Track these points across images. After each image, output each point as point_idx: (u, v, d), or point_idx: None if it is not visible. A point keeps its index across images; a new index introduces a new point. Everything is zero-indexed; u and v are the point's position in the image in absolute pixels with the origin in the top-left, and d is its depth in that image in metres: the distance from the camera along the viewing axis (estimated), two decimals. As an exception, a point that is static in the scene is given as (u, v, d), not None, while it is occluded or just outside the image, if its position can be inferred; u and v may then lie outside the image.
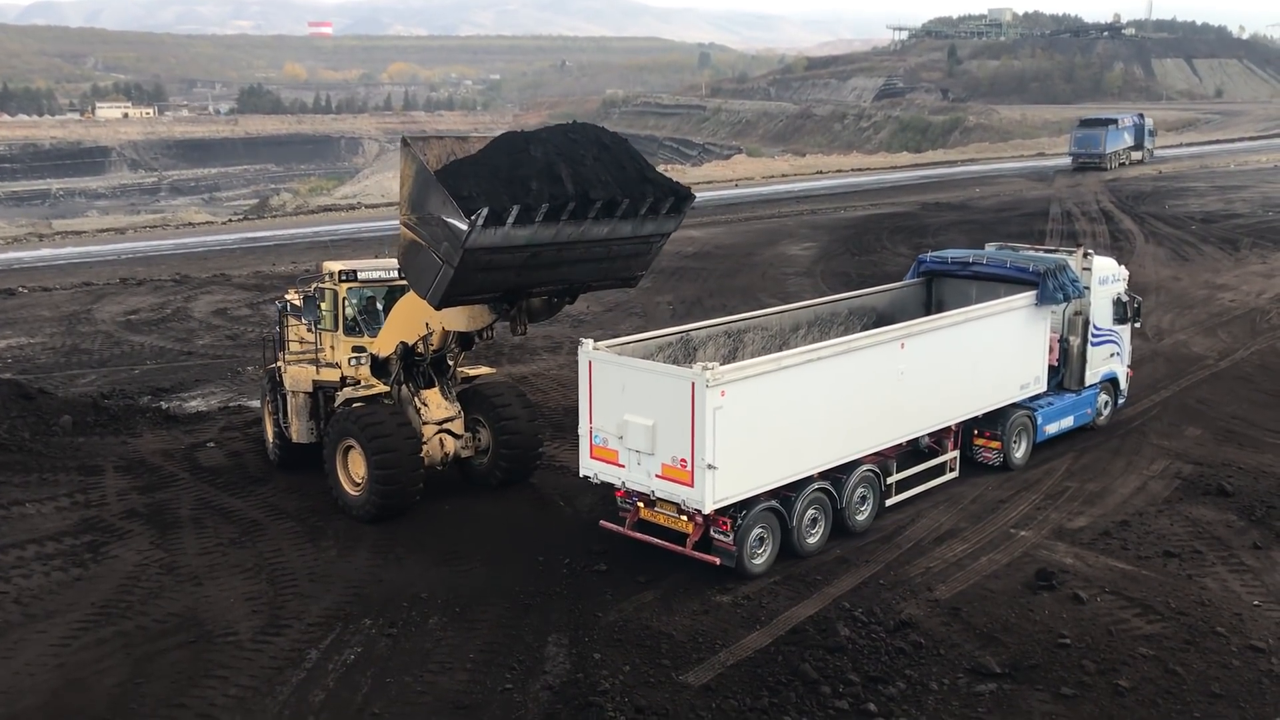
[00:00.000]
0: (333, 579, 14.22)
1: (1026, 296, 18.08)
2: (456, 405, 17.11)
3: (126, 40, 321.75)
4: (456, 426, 17.02)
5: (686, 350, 15.92)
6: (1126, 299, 20.47)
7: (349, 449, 16.22)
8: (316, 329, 17.67)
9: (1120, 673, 11.78)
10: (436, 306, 13.54)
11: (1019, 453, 18.36)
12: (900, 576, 14.13)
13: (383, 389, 16.78)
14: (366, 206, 64.47)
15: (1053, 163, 76.43)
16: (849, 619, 12.82)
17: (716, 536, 13.91)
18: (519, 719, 11.02)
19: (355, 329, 17.51)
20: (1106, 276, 20.00)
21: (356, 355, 17.17)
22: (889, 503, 16.13)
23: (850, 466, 15.31)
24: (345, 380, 17.19)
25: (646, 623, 12.88)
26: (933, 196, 57.98)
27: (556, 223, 12.65)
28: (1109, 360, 20.35)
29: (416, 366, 16.70)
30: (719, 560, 13.86)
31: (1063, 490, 17.33)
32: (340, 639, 12.60)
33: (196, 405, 23.06)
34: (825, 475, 14.98)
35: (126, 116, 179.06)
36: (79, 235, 54.33)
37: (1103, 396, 20.39)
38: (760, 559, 14.18)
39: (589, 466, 14.67)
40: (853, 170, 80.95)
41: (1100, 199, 54.14)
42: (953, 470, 17.47)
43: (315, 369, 17.50)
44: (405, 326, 15.80)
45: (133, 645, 12.52)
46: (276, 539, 15.61)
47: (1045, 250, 20.61)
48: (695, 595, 13.55)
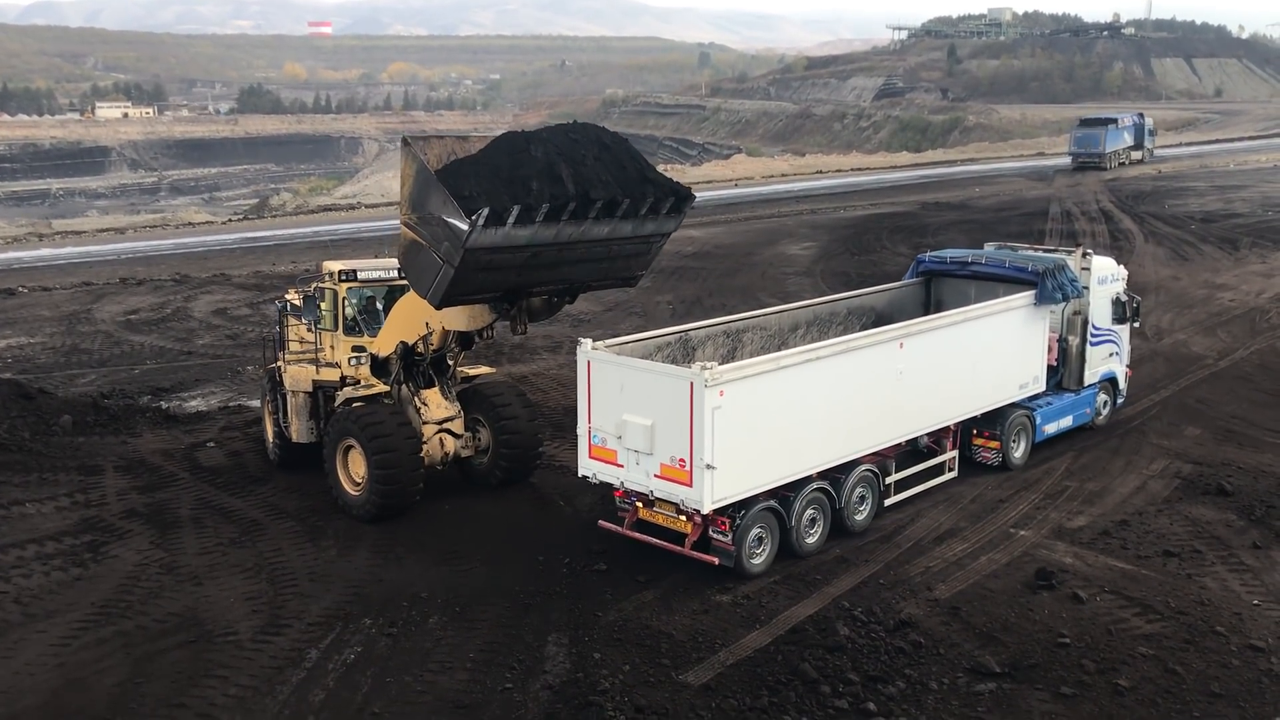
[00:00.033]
0: (333, 579, 14.23)
1: (1025, 296, 18.08)
2: (456, 405, 17.11)
3: (126, 40, 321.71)
4: (456, 426, 17.02)
5: (685, 350, 15.92)
6: (1125, 299, 20.47)
7: (349, 449, 16.23)
8: (316, 329, 17.68)
9: (1120, 672, 11.79)
10: (437, 306, 13.55)
11: (1018, 453, 18.37)
12: (900, 576, 14.14)
13: (383, 389, 16.79)
14: (366, 206, 64.46)
15: (1052, 162, 76.40)
16: (849, 618, 12.83)
17: (715, 536, 13.91)
18: (519, 718, 11.03)
19: (355, 329, 17.52)
20: (1105, 276, 20.01)
21: (356, 355, 17.18)
22: (888, 503, 16.14)
23: (849, 466, 15.31)
24: (345, 380, 17.20)
25: (646, 622, 12.89)
26: (932, 196, 57.98)
27: (557, 223, 12.65)
28: (1108, 360, 20.36)
29: (416, 366, 16.71)
30: (717, 560, 13.86)
31: (1062, 490, 17.34)
32: (340, 638, 12.61)
33: (196, 405, 23.07)
34: (824, 475, 14.99)
35: (126, 116, 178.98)
36: (79, 235, 54.33)
37: (1102, 396, 20.40)
38: (759, 559, 14.18)
39: (587, 466, 14.68)
40: (852, 170, 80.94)
41: (1100, 199, 54.13)
42: (951, 470, 17.49)
43: (315, 369, 17.52)
44: (405, 326, 15.80)
45: (133, 645, 12.52)
46: (276, 539, 15.62)
47: (1044, 250, 20.62)
48: (695, 595, 13.56)
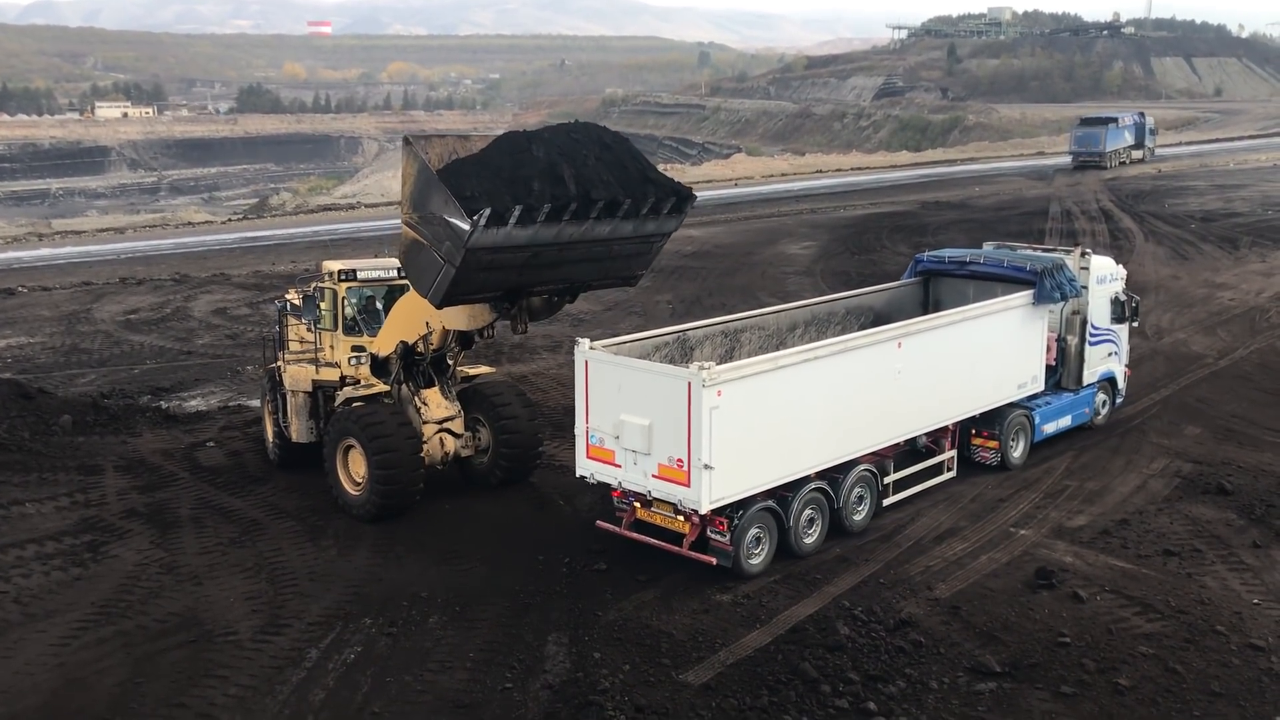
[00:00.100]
0: (333, 578, 14.23)
1: (1024, 296, 18.07)
2: (456, 404, 17.11)
3: (126, 40, 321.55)
4: (456, 426, 17.02)
5: (683, 350, 15.90)
6: (1124, 298, 20.46)
7: (349, 448, 16.23)
8: (316, 328, 17.68)
9: (1120, 671, 11.79)
10: (438, 306, 13.55)
11: (1016, 452, 18.36)
12: (900, 575, 14.14)
13: (382, 388, 16.79)
14: (366, 206, 64.42)
15: (1052, 162, 76.35)
16: (849, 618, 12.83)
17: (713, 537, 13.90)
18: (519, 718, 11.03)
19: (355, 328, 17.52)
20: (1104, 275, 20.00)
21: (356, 354, 17.18)
22: (886, 502, 16.13)
23: (847, 466, 15.30)
24: (345, 380, 17.20)
25: (646, 622, 12.89)
26: (932, 195, 57.95)
27: (558, 223, 12.65)
28: (1107, 360, 20.35)
29: (416, 366, 16.71)
30: (715, 560, 13.85)
31: (1062, 489, 17.34)
32: (340, 638, 12.61)
33: (196, 405, 23.07)
34: (822, 475, 14.98)
35: (126, 116, 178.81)
36: (78, 235, 54.31)
37: (1100, 396, 20.39)
38: (757, 559, 14.17)
39: (585, 466, 14.66)
40: (852, 169, 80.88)
41: (1100, 198, 54.12)
42: (950, 470, 17.48)
43: (315, 368, 17.52)
44: (405, 325, 15.80)
45: (133, 645, 12.53)
46: (276, 538, 15.62)
47: (1043, 249, 20.62)
48: (695, 594, 13.56)
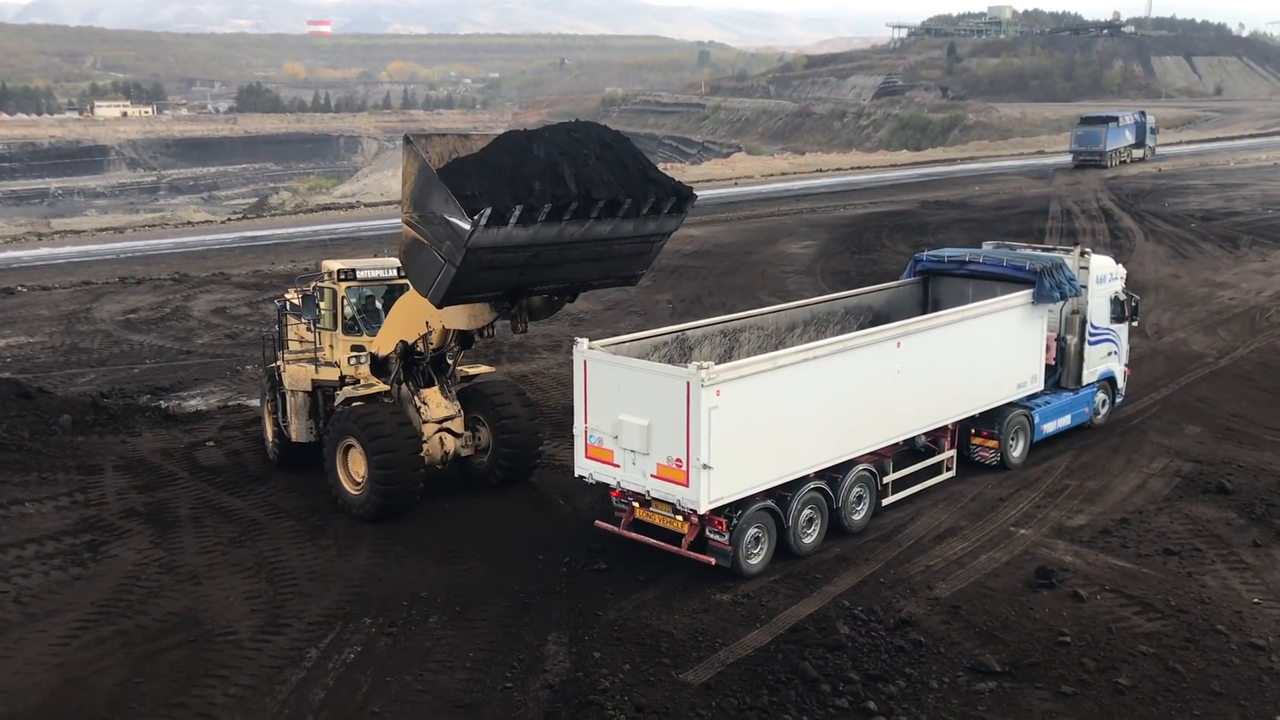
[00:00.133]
0: (332, 578, 14.23)
1: (1023, 295, 18.05)
2: (456, 404, 17.11)
3: (125, 39, 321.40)
4: (456, 425, 17.02)
5: (682, 350, 15.88)
6: (1124, 297, 20.45)
7: (349, 448, 16.23)
8: (315, 328, 17.67)
9: (1120, 670, 11.79)
10: (438, 305, 13.54)
11: (1016, 452, 18.35)
12: (900, 575, 14.14)
13: (382, 388, 16.78)
14: (365, 205, 64.40)
15: (1052, 161, 76.35)
16: (849, 617, 12.83)
17: (712, 537, 13.89)
18: (519, 718, 11.03)
19: (354, 328, 17.51)
20: (1104, 275, 19.99)
21: (356, 354, 17.17)
22: (885, 502, 16.12)
23: (846, 466, 15.28)
24: (344, 379, 17.19)
25: (646, 621, 12.89)
26: (932, 194, 57.95)
27: (559, 222, 12.64)
28: (1106, 359, 20.34)
29: (416, 365, 16.70)
30: (714, 560, 13.84)
31: (1062, 488, 17.33)
32: (340, 638, 12.61)
33: (196, 404, 23.07)
34: (821, 475, 14.96)
35: (125, 115, 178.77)
36: (78, 234, 54.30)
37: (1100, 395, 20.38)
38: (756, 559, 14.16)
39: (584, 466, 14.64)
40: (852, 168, 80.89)
41: (1100, 197, 54.11)
42: (949, 470, 17.47)
43: (314, 368, 17.52)
44: (405, 325, 15.79)
45: (132, 644, 12.52)
46: (276, 538, 15.62)
47: (1042, 249, 20.61)
48: (695, 594, 13.56)
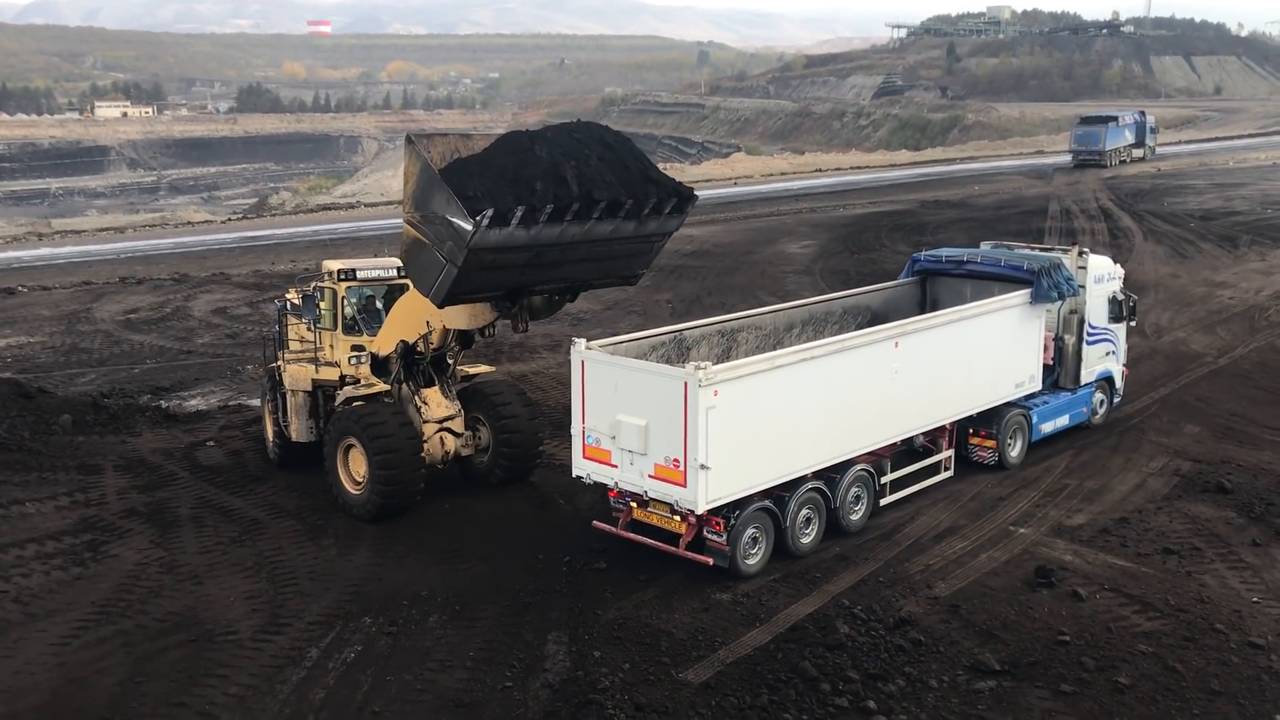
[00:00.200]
0: (333, 577, 14.24)
1: (1021, 295, 18.05)
2: (456, 403, 17.12)
3: (125, 39, 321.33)
4: (457, 425, 17.03)
5: (680, 350, 15.87)
6: (1122, 297, 20.44)
7: (350, 448, 16.24)
8: (316, 328, 17.69)
9: (1120, 670, 11.80)
10: (439, 305, 13.55)
11: (1014, 452, 18.35)
12: (900, 574, 14.15)
13: (383, 388, 16.79)
14: (365, 205, 64.42)
15: (1052, 160, 76.38)
16: (848, 616, 12.84)
17: (710, 537, 13.89)
18: (519, 717, 11.04)
19: (354, 328, 17.52)
20: (1102, 275, 19.99)
21: (356, 354, 17.18)
22: (883, 502, 16.11)
23: (844, 466, 15.28)
24: (345, 379, 17.20)
25: (646, 620, 12.90)
26: (932, 194, 57.97)
27: (561, 223, 12.65)
28: (1104, 359, 20.35)
29: (416, 365, 16.72)
30: (712, 561, 13.84)
31: (1062, 487, 17.34)
32: (340, 637, 12.62)
33: (196, 404, 23.08)
34: (819, 475, 14.96)
35: (125, 115, 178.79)
36: (78, 234, 54.30)
37: (1098, 395, 20.39)
38: (754, 559, 14.16)
39: (582, 467, 14.64)
40: (851, 168, 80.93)
41: (1099, 197, 54.13)
42: (948, 470, 17.47)
43: (314, 368, 17.53)
44: (406, 325, 15.80)
45: (133, 644, 12.53)
46: (276, 538, 15.63)
47: (1040, 249, 20.61)
48: (695, 593, 13.57)
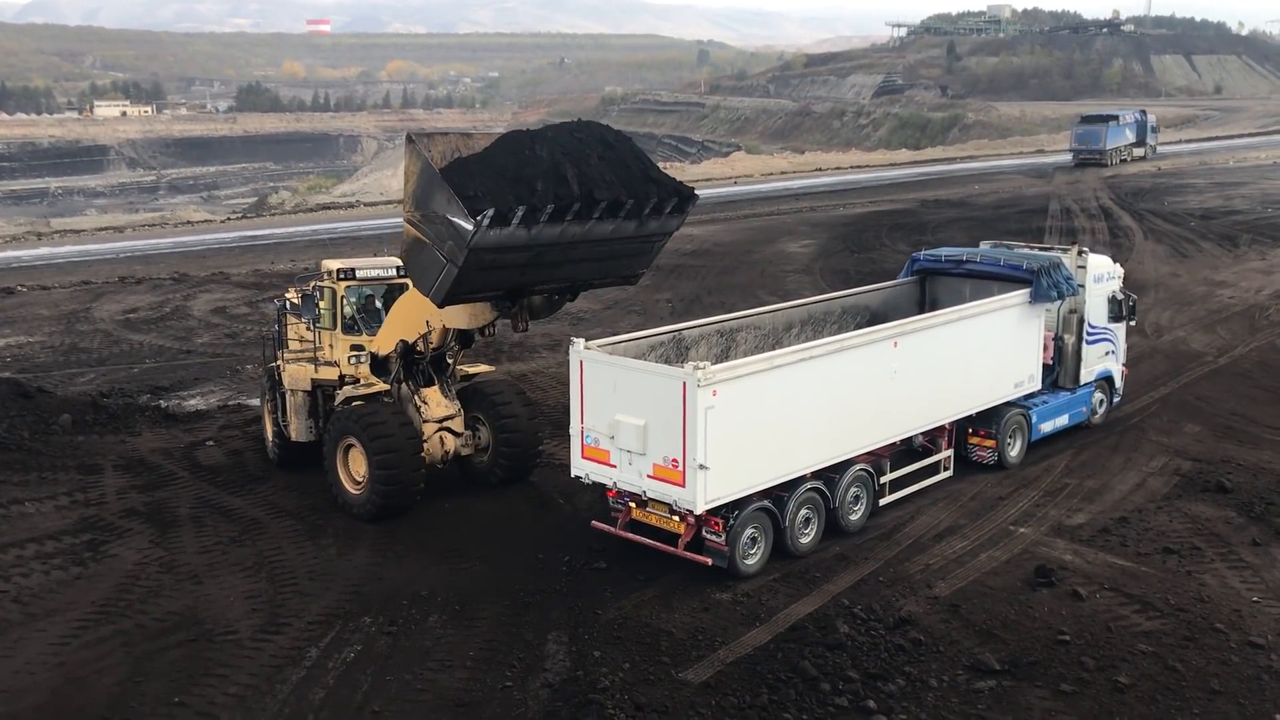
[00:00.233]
0: (332, 577, 14.24)
1: (1020, 295, 18.04)
2: (456, 403, 17.12)
3: (125, 38, 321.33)
4: (456, 424, 17.03)
5: (679, 349, 15.86)
6: (1121, 297, 20.43)
7: (350, 447, 16.23)
8: (315, 327, 17.68)
9: (1120, 669, 11.79)
10: (440, 304, 13.55)
11: (1014, 451, 18.35)
12: (899, 573, 14.15)
13: (382, 387, 16.79)
14: (365, 204, 64.40)
15: (1052, 159, 76.38)
16: (848, 616, 12.84)
17: (708, 537, 13.88)
18: (519, 717, 11.04)
19: (354, 327, 17.51)
20: (1101, 274, 19.97)
21: (355, 353, 17.18)
22: (882, 502, 16.10)
23: (843, 466, 15.27)
24: (344, 378, 17.20)
25: (646, 620, 12.90)
26: (932, 194, 57.97)
27: (561, 223, 12.66)
28: (1104, 358, 20.34)
29: (416, 364, 16.71)
30: (711, 561, 13.83)
31: (1062, 487, 17.34)
32: (340, 637, 12.62)
33: (196, 404, 23.07)
34: (818, 475, 14.95)
35: (125, 115, 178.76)
36: (77, 234, 54.28)
37: (1098, 395, 20.38)
38: (752, 559, 14.15)
39: (580, 467, 14.63)
40: (852, 167, 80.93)
41: (1099, 196, 54.13)
42: (947, 469, 17.45)
43: (314, 367, 17.52)
44: (405, 324, 15.80)
45: (132, 644, 12.53)
46: (276, 537, 15.63)
47: (1039, 248, 20.60)
48: (695, 593, 13.56)
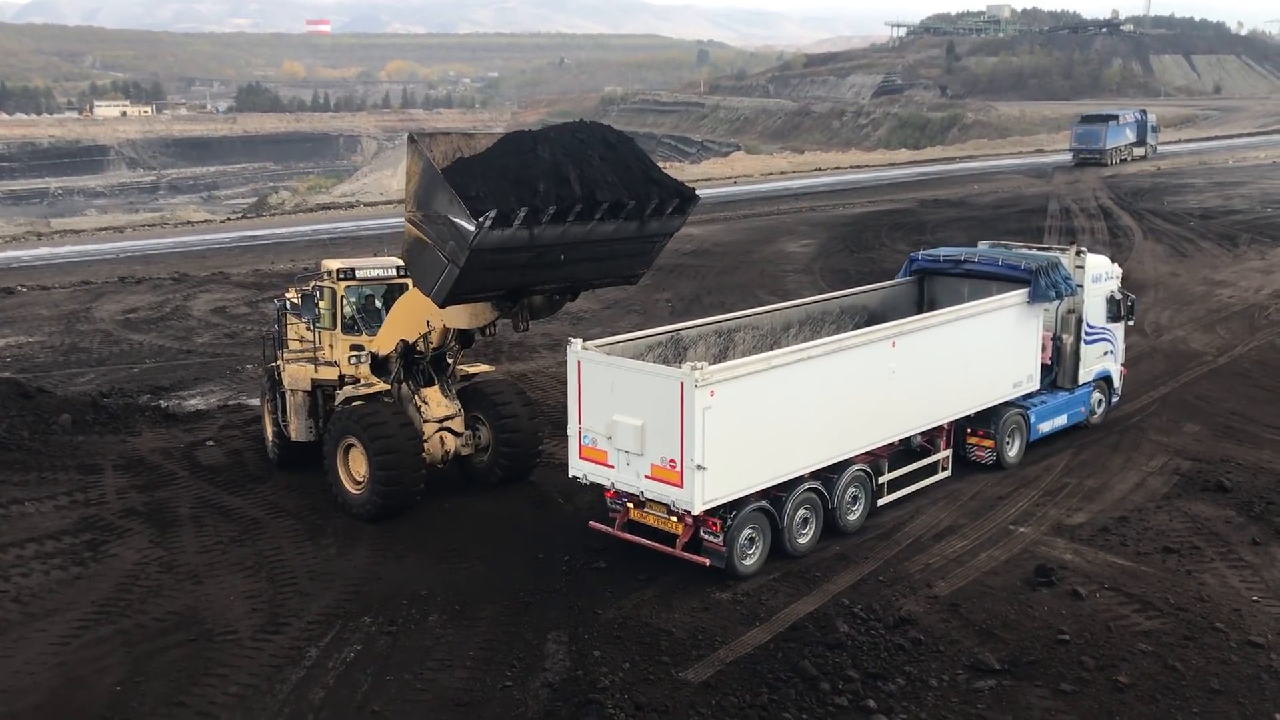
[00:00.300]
0: (332, 577, 14.24)
1: (1018, 294, 18.03)
2: (456, 403, 17.12)
3: (124, 38, 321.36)
4: (456, 424, 17.03)
5: (677, 350, 15.85)
6: (1120, 296, 20.42)
7: (350, 447, 16.23)
8: (315, 327, 17.68)
9: (1119, 669, 11.79)
10: (441, 305, 13.55)
11: (1012, 451, 18.34)
12: (899, 573, 14.15)
13: (382, 387, 16.79)
14: (365, 204, 64.39)
15: (1051, 159, 76.38)
16: (848, 616, 12.84)
17: (706, 537, 13.87)
18: (519, 716, 11.04)
19: (353, 327, 17.52)
20: (1099, 274, 19.97)
21: (355, 353, 17.18)
22: (881, 502, 16.09)
23: (841, 466, 15.26)
24: (344, 378, 17.20)
25: (646, 620, 12.90)
26: (931, 193, 57.96)
27: (563, 223, 12.66)
28: (1103, 358, 20.33)
29: (416, 364, 16.71)
30: (708, 561, 13.82)
31: (1061, 486, 17.34)
32: (340, 637, 12.62)
33: (196, 404, 23.07)
34: (816, 475, 14.94)
35: (125, 115, 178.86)
36: (77, 234, 54.28)
37: (1096, 395, 20.37)
38: (750, 560, 14.13)
39: (578, 467, 14.61)
40: (851, 167, 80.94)
41: (1099, 195, 54.13)
42: (945, 470, 17.44)
43: (314, 367, 17.52)
44: (406, 324, 15.80)
45: (132, 643, 12.53)
46: (276, 537, 15.63)
47: (1038, 248, 20.59)
48: (695, 592, 13.56)
